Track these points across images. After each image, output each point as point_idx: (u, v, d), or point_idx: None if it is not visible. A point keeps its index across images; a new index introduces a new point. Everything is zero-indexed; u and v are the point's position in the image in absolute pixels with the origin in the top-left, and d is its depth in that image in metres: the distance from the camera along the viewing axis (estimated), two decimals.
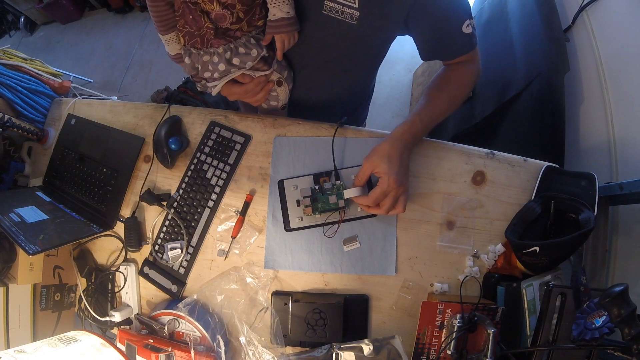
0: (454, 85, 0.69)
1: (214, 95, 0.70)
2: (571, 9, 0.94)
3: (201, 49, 0.64)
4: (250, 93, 0.70)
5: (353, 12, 0.59)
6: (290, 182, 0.74)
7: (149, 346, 0.68)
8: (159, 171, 0.83)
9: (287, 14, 0.59)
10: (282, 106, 0.79)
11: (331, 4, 0.59)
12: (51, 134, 0.95)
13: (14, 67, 1.25)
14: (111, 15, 2.92)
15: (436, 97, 0.69)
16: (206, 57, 0.64)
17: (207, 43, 0.62)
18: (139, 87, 2.53)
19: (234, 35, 0.61)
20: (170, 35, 0.66)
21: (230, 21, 0.59)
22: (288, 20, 0.60)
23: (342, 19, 0.61)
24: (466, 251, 0.69)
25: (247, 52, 0.62)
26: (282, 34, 0.61)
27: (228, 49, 0.62)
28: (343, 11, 0.60)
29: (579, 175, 0.66)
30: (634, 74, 0.74)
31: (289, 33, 0.61)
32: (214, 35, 0.60)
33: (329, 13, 0.61)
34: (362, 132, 0.77)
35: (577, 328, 0.51)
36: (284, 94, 0.76)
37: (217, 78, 0.66)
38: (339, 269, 0.72)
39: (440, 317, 0.61)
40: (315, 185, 0.72)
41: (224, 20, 0.59)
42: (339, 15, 0.60)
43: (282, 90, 0.74)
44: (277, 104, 0.78)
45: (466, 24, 0.62)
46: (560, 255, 0.61)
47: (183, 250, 0.77)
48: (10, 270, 0.77)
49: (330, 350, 0.66)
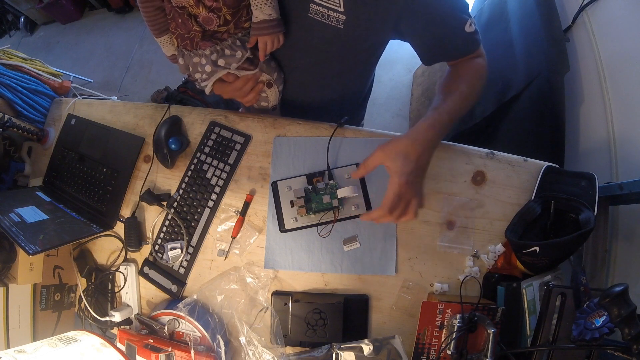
0: (466, 79, 0.66)
1: (208, 94, 0.71)
2: (571, 9, 0.94)
3: (191, 51, 0.65)
4: (241, 92, 0.70)
5: (339, 15, 0.59)
6: (284, 183, 0.74)
7: (149, 346, 0.68)
8: (159, 171, 0.83)
9: (268, 16, 0.59)
10: (273, 107, 0.80)
11: (317, 7, 0.59)
12: (51, 134, 0.95)
13: (14, 67, 1.25)
14: (111, 15, 2.92)
15: (452, 92, 0.64)
16: (196, 58, 0.65)
17: (196, 45, 0.63)
18: (139, 87, 2.53)
19: (221, 37, 0.62)
20: (164, 37, 0.67)
21: (217, 24, 0.60)
22: (270, 23, 0.60)
23: (328, 22, 0.60)
24: (466, 251, 0.69)
25: (233, 53, 0.63)
26: (264, 36, 0.61)
27: (214, 50, 0.63)
28: (329, 15, 0.59)
29: (579, 175, 0.66)
30: (634, 74, 0.74)
31: (271, 35, 0.61)
32: (201, 38, 0.61)
33: (315, 16, 0.60)
34: (362, 132, 0.77)
35: (577, 328, 0.51)
36: (274, 96, 0.76)
37: (206, 79, 0.67)
38: (339, 269, 0.72)
39: (440, 317, 0.61)
40: (309, 185, 0.72)
41: (211, 23, 0.60)
42: (325, 19, 0.60)
43: (271, 92, 0.75)
44: (268, 105, 0.79)
45: (468, 23, 0.60)
46: (560, 255, 0.61)
47: (183, 250, 0.77)
48: (10, 270, 0.77)
49: (330, 350, 0.66)
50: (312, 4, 0.59)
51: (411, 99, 1.95)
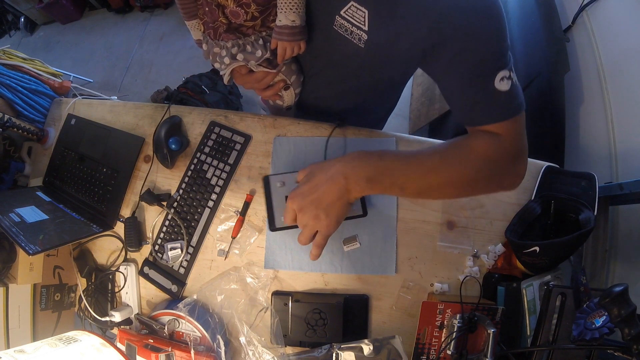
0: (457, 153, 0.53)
1: (226, 84, 0.70)
2: (571, 9, 0.94)
3: (214, 41, 0.64)
4: (260, 84, 0.68)
5: (362, 34, 0.55)
6: (277, 178, 0.71)
7: (149, 346, 0.68)
8: (159, 171, 0.83)
9: (292, 22, 0.57)
10: (287, 107, 0.80)
11: (342, 21, 0.56)
12: (51, 134, 0.95)
13: (14, 67, 1.24)
14: (111, 15, 2.92)
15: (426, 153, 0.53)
16: (216, 49, 0.65)
17: (219, 36, 0.62)
18: (139, 87, 2.53)
19: (245, 32, 0.61)
20: (193, 22, 0.67)
21: (244, 19, 0.59)
22: (292, 29, 0.58)
23: (351, 38, 0.57)
24: (466, 251, 0.69)
25: (253, 51, 0.63)
26: (284, 42, 0.59)
27: (236, 44, 0.62)
28: (352, 31, 0.56)
29: (579, 175, 0.66)
30: (634, 74, 0.74)
31: (291, 42, 0.59)
32: (225, 30, 0.60)
33: (339, 30, 0.57)
34: (362, 132, 0.77)
35: (577, 328, 0.51)
36: (290, 97, 0.75)
37: (224, 69, 0.67)
38: (339, 269, 0.72)
39: (440, 317, 0.61)
40: None
41: (237, 17, 0.59)
42: (348, 35, 0.57)
43: (287, 94, 0.74)
44: (283, 105, 0.79)
45: (500, 76, 0.48)
46: (560, 255, 0.61)
47: (183, 250, 0.77)
48: (10, 270, 0.77)
49: (330, 350, 0.66)
50: (339, 17, 0.56)
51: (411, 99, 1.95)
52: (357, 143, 0.75)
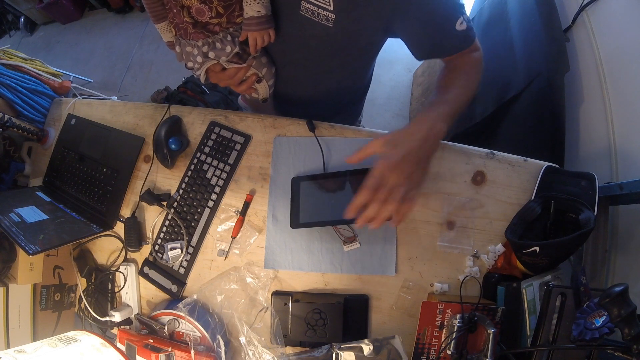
0: (463, 72, 0.66)
1: (203, 82, 0.73)
2: (571, 9, 0.93)
3: (186, 40, 0.67)
4: (233, 80, 0.71)
5: (329, 14, 0.59)
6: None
7: (149, 346, 0.68)
8: (159, 171, 0.83)
9: (257, 13, 0.60)
10: (263, 99, 0.81)
11: (307, 5, 0.60)
12: (51, 134, 0.95)
13: (14, 67, 1.25)
14: (111, 15, 2.93)
15: (450, 85, 0.65)
16: (189, 48, 0.67)
17: (189, 35, 0.65)
18: (139, 87, 2.53)
19: (213, 30, 0.64)
20: (162, 24, 0.69)
21: (209, 15, 0.61)
22: (259, 19, 0.61)
23: (318, 20, 0.61)
24: (466, 251, 0.69)
25: (223, 47, 0.65)
26: (253, 32, 0.62)
27: (206, 42, 0.65)
28: (319, 13, 0.60)
29: (579, 175, 0.66)
30: (634, 74, 0.74)
31: (260, 31, 0.62)
32: (192, 28, 0.63)
33: (305, 14, 0.61)
34: (362, 132, 0.77)
35: (577, 328, 0.51)
36: (264, 89, 0.77)
37: (198, 68, 0.69)
38: (339, 269, 0.72)
39: (440, 317, 0.61)
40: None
41: (203, 14, 0.61)
42: (315, 17, 0.61)
43: (261, 87, 0.76)
44: (258, 97, 0.80)
45: (459, 21, 0.60)
46: (560, 255, 0.61)
47: (183, 250, 0.77)
48: (10, 270, 0.77)
49: (330, 350, 0.66)
50: (303, 1, 0.60)
51: (411, 98, 1.95)
52: (358, 143, 0.75)
